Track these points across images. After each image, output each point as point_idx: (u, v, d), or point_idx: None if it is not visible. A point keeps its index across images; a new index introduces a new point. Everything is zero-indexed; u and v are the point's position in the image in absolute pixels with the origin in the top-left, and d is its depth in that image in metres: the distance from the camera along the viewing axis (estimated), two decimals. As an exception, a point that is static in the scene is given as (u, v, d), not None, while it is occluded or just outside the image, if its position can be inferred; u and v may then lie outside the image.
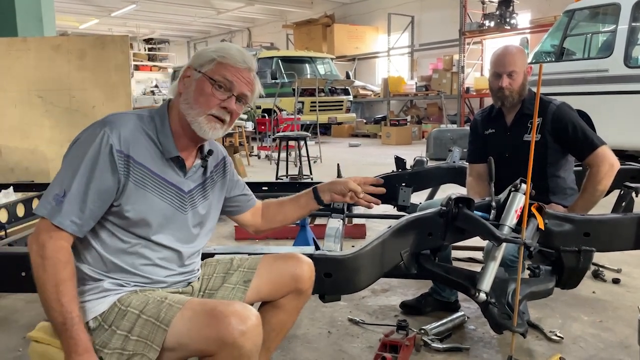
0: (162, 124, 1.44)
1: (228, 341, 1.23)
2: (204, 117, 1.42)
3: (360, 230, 4.13)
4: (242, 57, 1.45)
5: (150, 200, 1.38)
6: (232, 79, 1.43)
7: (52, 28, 5.91)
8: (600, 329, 2.42)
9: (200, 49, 1.50)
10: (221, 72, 1.42)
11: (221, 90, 1.42)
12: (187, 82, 1.44)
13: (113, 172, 1.33)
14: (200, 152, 1.53)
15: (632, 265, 3.26)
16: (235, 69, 1.43)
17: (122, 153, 1.34)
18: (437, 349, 2.21)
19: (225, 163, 1.66)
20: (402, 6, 16.11)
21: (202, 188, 1.54)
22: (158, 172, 1.41)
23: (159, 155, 1.41)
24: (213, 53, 1.44)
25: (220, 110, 1.43)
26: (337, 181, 1.71)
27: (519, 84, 2.46)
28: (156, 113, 1.46)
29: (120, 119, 1.39)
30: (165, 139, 1.42)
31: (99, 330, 1.35)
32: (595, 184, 2.35)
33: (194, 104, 1.42)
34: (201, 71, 1.42)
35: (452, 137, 9.01)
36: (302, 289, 1.60)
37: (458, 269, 2.10)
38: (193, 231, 1.51)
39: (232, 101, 1.44)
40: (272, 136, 9.30)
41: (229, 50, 1.45)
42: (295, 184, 3.30)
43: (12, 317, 2.62)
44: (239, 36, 24.15)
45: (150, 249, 1.41)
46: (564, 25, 7.57)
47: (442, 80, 13.83)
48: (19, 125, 4.47)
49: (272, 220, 1.80)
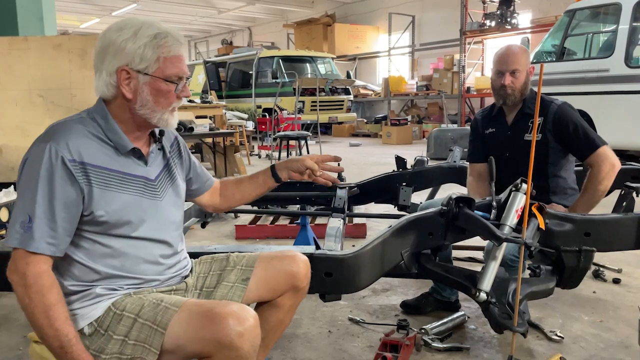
0: (107, 122, 1.39)
1: (225, 342, 1.22)
2: (168, 114, 1.41)
3: (360, 229, 4.13)
4: (177, 40, 1.40)
5: (121, 199, 1.36)
6: (181, 69, 1.40)
7: (53, 27, 5.91)
8: (600, 329, 2.42)
9: (120, 41, 1.35)
10: (170, 67, 1.38)
11: (175, 83, 1.40)
12: (134, 86, 1.37)
13: (72, 182, 1.29)
14: (153, 137, 1.51)
15: (632, 265, 3.25)
16: (178, 57, 1.40)
17: (76, 161, 1.30)
18: (437, 348, 2.21)
19: (178, 143, 1.63)
20: (403, 6, 16.12)
21: (167, 170, 1.53)
22: (119, 169, 1.38)
23: (114, 153, 1.38)
24: (154, 51, 1.36)
25: (179, 101, 1.43)
26: (295, 159, 1.71)
27: (522, 83, 2.46)
28: (95, 113, 1.40)
29: (62, 129, 1.34)
30: (114, 135, 1.38)
31: (95, 336, 1.33)
32: (596, 184, 2.35)
33: (155, 107, 1.38)
34: (149, 73, 1.36)
35: (453, 137, 9.01)
36: (298, 286, 1.60)
37: (458, 269, 2.10)
38: (172, 214, 1.50)
39: (186, 87, 1.44)
40: (272, 135, 9.30)
41: (166, 40, 1.37)
42: (295, 183, 3.30)
43: (13, 316, 2.62)
44: (239, 35, 24.16)
45: (136, 247, 1.39)
46: (564, 25, 7.57)
47: (442, 79, 13.84)
48: (20, 124, 4.46)
49: (231, 199, 1.80)
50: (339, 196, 2.76)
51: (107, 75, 1.37)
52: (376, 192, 3.15)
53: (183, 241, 1.58)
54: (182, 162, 1.63)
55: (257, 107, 14.24)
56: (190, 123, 6.56)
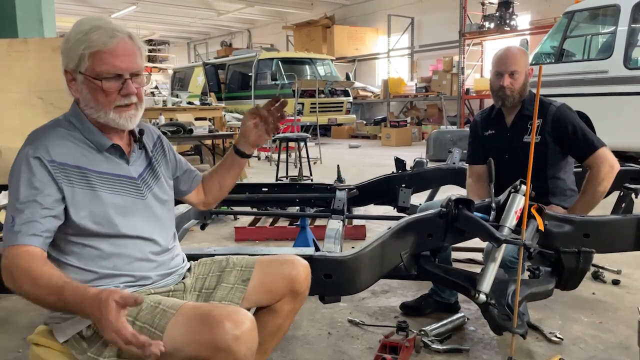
0: (82, 123, 1.39)
1: (222, 346, 1.21)
2: (112, 113, 1.37)
3: (360, 231, 4.13)
4: (107, 33, 1.33)
5: (103, 199, 1.36)
6: (113, 64, 1.33)
7: (52, 29, 5.92)
8: (600, 330, 2.42)
9: (63, 43, 1.34)
10: (99, 64, 1.32)
11: (112, 80, 1.34)
12: (76, 87, 1.36)
13: (51, 182, 1.30)
14: (133, 136, 1.50)
15: (632, 266, 3.26)
16: (109, 51, 1.32)
17: (55, 162, 1.31)
18: (437, 350, 2.20)
19: (162, 142, 1.63)
20: (402, 7, 16.14)
21: (151, 169, 1.52)
22: (100, 169, 1.38)
23: (95, 152, 1.38)
24: (78, 47, 1.32)
25: (123, 99, 1.36)
26: (243, 127, 1.67)
27: (520, 84, 2.47)
28: (71, 115, 1.41)
29: (41, 134, 1.35)
30: (91, 134, 1.38)
31: (93, 338, 1.33)
32: (596, 185, 2.35)
33: (96, 106, 1.36)
34: (81, 72, 1.34)
35: (452, 139, 9.02)
36: (298, 291, 1.58)
37: (458, 270, 2.10)
38: (158, 212, 1.49)
39: (128, 85, 1.36)
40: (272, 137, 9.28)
41: (91, 35, 1.32)
42: (295, 185, 3.30)
43: (12, 319, 2.62)
44: (239, 37, 24.18)
45: (125, 246, 1.39)
46: (563, 26, 7.58)
47: (442, 81, 13.85)
48: (19, 126, 4.46)
49: (212, 191, 1.79)
50: (338, 198, 2.76)
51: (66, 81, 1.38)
52: (375, 193, 3.15)
53: (175, 239, 1.58)
54: (166, 161, 1.62)
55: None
56: (190, 125, 6.57)
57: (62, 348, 1.36)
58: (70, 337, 1.34)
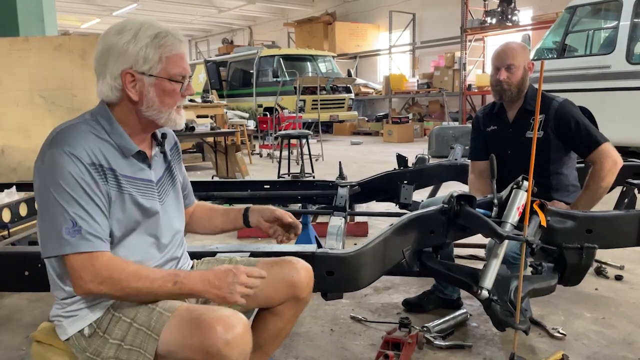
0: (111, 126, 1.37)
1: (213, 351, 1.21)
2: (174, 113, 1.41)
3: (362, 228, 4.13)
4: (177, 38, 1.40)
5: (130, 203, 1.36)
6: (184, 67, 1.41)
7: (53, 27, 5.92)
8: (603, 325, 2.42)
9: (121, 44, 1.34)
10: (173, 66, 1.38)
11: (179, 82, 1.40)
12: (139, 88, 1.37)
13: (98, 184, 1.30)
14: (155, 139, 1.51)
15: (634, 262, 3.25)
16: (180, 54, 1.40)
17: (94, 164, 1.30)
18: (439, 346, 2.21)
19: (177, 146, 1.64)
20: (403, 3, 16.10)
21: (169, 173, 1.53)
22: (127, 173, 1.38)
23: (121, 156, 1.38)
24: (156, 51, 1.35)
25: (182, 100, 1.43)
26: (268, 207, 1.72)
27: (518, 79, 2.46)
28: (99, 115, 1.39)
29: (72, 133, 1.32)
30: (119, 138, 1.37)
31: (93, 337, 1.33)
32: (598, 181, 2.34)
33: (162, 107, 1.38)
34: (153, 74, 1.36)
35: (454, 135, 9.00)
36: (299, 296, 1.57)
37: (460, 267, 2.10)
38: (172, 219, 1.50)
39: (190, 86, 1.44)
40: (273, 134, 9.30)
41: (167, 39, 1.37)
42: (297, 182, 3.30)
43: (15, 316, 2.63)
44: (240, 35, 24.15)
45: (132, 248, 1.39)
46: (565, 21, 7.55)
47: (443, 77, 13.82)
48: (21, 124, 4.47)
49: (198, 223, 1.77)
50: (340, 195, 2.76)
51: (112, 79, 1.35)
52: (377, 190, 3.15)
53: (183, 246, 1.58)
54: (180, 167, 1.63)
55: (258, 106, 14.24)
56: (192, 122, 6.58)
57: (64, 346, 1.36)
58: (72, 335, 1.34)
